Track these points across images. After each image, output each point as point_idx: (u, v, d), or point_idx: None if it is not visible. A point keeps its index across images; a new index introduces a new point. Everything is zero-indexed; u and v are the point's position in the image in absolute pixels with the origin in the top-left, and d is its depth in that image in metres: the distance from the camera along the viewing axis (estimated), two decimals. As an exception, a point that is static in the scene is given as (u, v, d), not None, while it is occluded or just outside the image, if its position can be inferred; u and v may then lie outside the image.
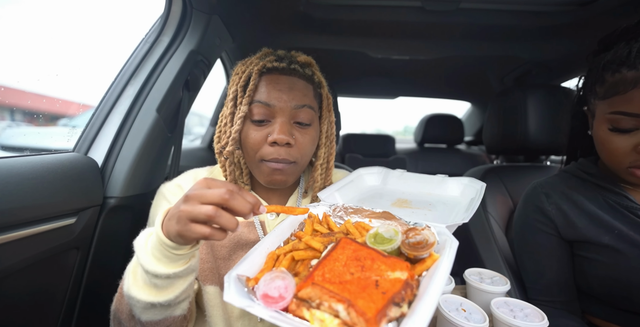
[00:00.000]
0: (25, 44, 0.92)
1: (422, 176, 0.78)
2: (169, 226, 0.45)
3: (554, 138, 1.18)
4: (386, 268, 0.42)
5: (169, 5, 0.91)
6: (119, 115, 0.85)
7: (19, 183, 0.57)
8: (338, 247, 0.46)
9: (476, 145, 2.61)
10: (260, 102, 0.63)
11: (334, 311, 0.36)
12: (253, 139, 0.64)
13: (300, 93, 0.65)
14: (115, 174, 0.80)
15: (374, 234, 0.50)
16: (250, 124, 0.65)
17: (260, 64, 0.65)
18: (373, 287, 0.39)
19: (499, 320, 0.63)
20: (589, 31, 1.16)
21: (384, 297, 0.37)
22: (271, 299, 0.38)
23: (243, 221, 0.69)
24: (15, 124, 1.00)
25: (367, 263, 0.43)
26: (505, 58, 1.51)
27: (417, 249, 0.46)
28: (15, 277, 0.59)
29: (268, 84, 0.64)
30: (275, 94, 0.63)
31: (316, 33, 1.29)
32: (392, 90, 2.34)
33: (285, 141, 0.62)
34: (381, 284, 0.39)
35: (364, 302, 0.36)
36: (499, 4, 1.05)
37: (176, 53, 0.93)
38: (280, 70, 0.66)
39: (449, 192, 0.74)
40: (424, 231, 0.49)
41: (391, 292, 0.38)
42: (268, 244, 0.50)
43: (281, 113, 0.64)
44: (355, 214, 0.61)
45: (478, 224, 1.14)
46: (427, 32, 1.26)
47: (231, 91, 0.66)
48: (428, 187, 0.76)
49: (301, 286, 0.39)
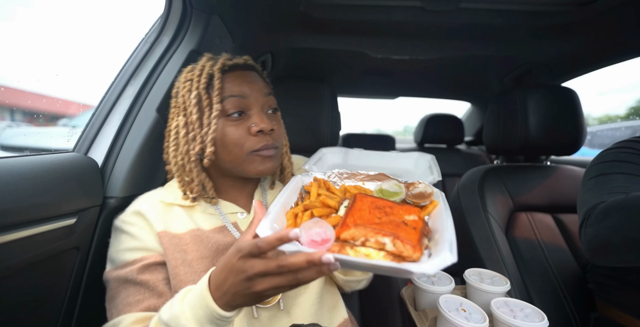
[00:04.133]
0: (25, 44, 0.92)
1: (378, 152, 0.86)
2: (237, 304, 0.46)
3: (554, 138, 1.19)
4: (404, 213, 0.50)
5: (169, 5, 0.91)
6: (119, 115, 0.85)
7: (19, 183, 0.57)
8: (357, 201, 0.51)
9: (476, 145, 2.61)
10: (234, 96, 0.64)
11: (380, 244, 0.42)
12: (234, 134, 0.64)
13: (262, 83, 0.69)
14: (115, 174, 0.80)
15: (379, 190, 0.59)
16: (226, 121, 0.64)
17: (218, 63, 0.66)
18: (404, 226, 0.46)
19: (499, 320, 0.63)
20: (589, 31, 1.15)
21: (416, 231, 0.45)
22: (317, 243, 0.41)
23: (214, 227, 0.68)
24: (15, 124, 1.00)
25: (388, 210, 0.50)
26: (505, 58, 1.51)
27: (421, 198, 0.56)
28: (15, 277, 0.59)
29: (235, 79, 0.66)
30: (246, 86, 0.66)
31: (316, 33, 1.29)
32: (392, 90, 2.34)
33: (271, 128, 0.65)
34: (408, 223, 0.47)
35: (405, 234, 0.43)
36: (499, 4, 1.05)
37: (176, 53, 0.93)
38: (241, 66, 0.69)
39: (404, 165, 0.84)
40: (420, 184, 0.60)
41: (419, 227, 0.46)
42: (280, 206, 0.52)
43: (256, 103, 0.66)
44: (350, 178, 0.68)
45: (478, 224, 1.14)
46: (427, 32, 1.26)
47: (191, 97, 0.65)
48: (387, 162, 0.84)
49: (340, 231, 0.44)
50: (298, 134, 1.21)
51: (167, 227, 0.66)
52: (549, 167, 1.29)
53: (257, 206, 0.49)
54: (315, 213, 0.51)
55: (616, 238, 0.67)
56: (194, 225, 0.67)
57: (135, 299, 0.60)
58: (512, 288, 1.01)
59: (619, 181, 0.76)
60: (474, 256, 1.13)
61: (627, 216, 0.65)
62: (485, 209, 1.14)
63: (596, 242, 0.71)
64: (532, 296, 1.02)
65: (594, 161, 0.87)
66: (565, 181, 1.23)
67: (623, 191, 0.73)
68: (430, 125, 2.25)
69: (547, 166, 1.31)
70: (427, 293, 0.76)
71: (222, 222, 0.70)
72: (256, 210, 0.49)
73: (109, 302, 0.63)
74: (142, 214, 0.66)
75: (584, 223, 0.75)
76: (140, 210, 0.67)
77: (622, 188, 0.74)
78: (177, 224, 0.67)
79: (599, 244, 0.70)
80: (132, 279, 0.61)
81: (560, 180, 1.23)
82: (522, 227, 1.15)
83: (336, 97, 1.28)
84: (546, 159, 1.45)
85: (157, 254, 0.64)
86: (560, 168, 1.28)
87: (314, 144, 1.15)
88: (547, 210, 1.19)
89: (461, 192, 1.25)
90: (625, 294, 0.80)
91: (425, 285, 0.76)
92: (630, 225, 0.64)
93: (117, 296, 0.62)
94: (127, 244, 0.64)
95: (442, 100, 2.52)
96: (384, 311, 1.26)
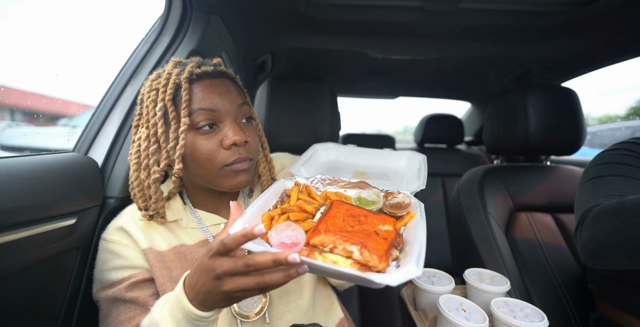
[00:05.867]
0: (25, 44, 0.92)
1: (371, 150, 0.86)
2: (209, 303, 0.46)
3: (554, 138, 1.19)
4: (378, 222, 0.50)
5: (169, 5, 0.91)
6: (119, 115, 0.85)
7: (19, 183, 0.57)
8: (333, 208, 0.52)
9: (476, 145, 2.61)
10: (204, 109, 0.60)
11: (347, 252, 0.42)
12: (206, 149, 0.60)
13: (235, 93, 0.65)
14: (115, 174, 0.80)
15: (358, 198, 0.59)
16: (196, 135, 0.60)
17: (185, 71, 0.61)
18: (374, 235, 0.46)
19: (499, 320, 0.63)
20: (589, 31, 1.16)
21: (385, 241, 0.45)
22: (286, 246, 0.42)
23: (197, 240, 0.67)
24: (15, 124, 1.00)
25: (362, 218, 0.50)
26: (505, 58, 1.51)
27: (397, 209, 0.56)
28: (15, 277, 0.59)
29: (204, 90, 0.61)
30: (217, 97, 0.61)
31: (316, 33, 1.29)
32: (392, 90, 2.34)
33: (244, 140, 0.61)
34: (380, 232, 0.47)
35: (374, 244, 0.43)
36: (499, 4, 1.05)
37: (176, 53, 0.93)
38: (211, 74, 0.64)
39: (396, 164, 0.83)
40: (400, 194, 0.59)
41: (390, 238, 0.46)
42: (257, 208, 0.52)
43: (227, 115, 0.62)
44: (332, 185, 0.68)
45: (478, 224, 1.14)
46: (427, 32, 1.26)
47: (156, 109, 0.60)
48: (378, 160, 0.85)
49: (310, 236, 0.45)
50: (298, 134, 1.21)
51: (151, 244, 0.64)
52: (549, 167, 1.29)
53: (234, 207, 0.49)
54: (291, 217, 0.52)
55: (610, 242, 0.67)
56: (177, 241, 0.66)
57: (127, 317, 0.60)
58: (512, 288, 1.01)
59: (615, 184, 0.76)
60: (474, 256, 1.13)
61: (620, 220, 0.65)
62: (485, 209, 1.14)
63: (591, 245, 0.71)
64: (532, 296, 1.02)
65: (592, 163, 0.87)
66: (565, 180, 1.23)
67: (619, 194, 0.73)
68: (430, 125, 2.25)
69: (547, 166, 1.31)
70: (427, 293, 0.76)
71: (205, 235, 0.68)
72: (232, 211, 0.49)
73: (102, 322, 0.63)
74: (125, 230, 0.64)
75: (580, 226, 0.76)
76: (123, 226, 0.64)
77: (618, 191, 0.75)
78: (160, 241, 0.65)
79: (594, 248, 0.71)
80: (121, 297, 0.61)
81: (560, 180, 1.23)
82: (522, 227, 1.15)
83: (336, 97, 1.28)
84: (546, 159, 1.45)
85: (144, 270, 0.63)
86: (560, 168, 1.28)
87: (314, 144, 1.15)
88: (547, 210, 1.19)
89: (461, 192, 1.25)
90: (625, 294, 0.80)
91: (425, 285, 0.76)
92: (623, 229, 0.64)
93: (109, 315, 0.62)
94: (113, 263, 0.63)
95: (442, 100, 2.52)
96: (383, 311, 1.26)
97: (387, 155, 0.86)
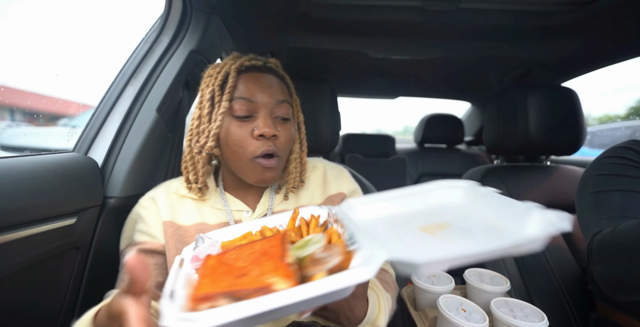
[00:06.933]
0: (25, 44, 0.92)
1: (508, 200, 0.47)
2: None
3: (554, 138, 1.18)
4: (270, 270, 0.36)
5: (169, 5, 0.91)
6: (119, 115, 0.85)
7: (19, 183, 0.57)
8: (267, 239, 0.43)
9: (476, 145, 2.61)
10: (242, 99, 0.65)
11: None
12: (237, 135, 0.64)
13: (278, 89, 0.68)
14: (115, 174, 0.80)
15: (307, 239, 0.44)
16: (233, 120, 0.65)
17: (237, 63, 0.67)
18: (235, 277, 0.36)
19: (499, 320, 0.63)
20: (589, 31, 1.15)
21: (229, 286, 0.34)
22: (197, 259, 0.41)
23: (219, 222, 0.70)
24: (15, 124, 1.00)
25: (263, 259, 0.39)
26: (505, 58, 1.51)
27: (316, 265, 0.38)
28: (15, 277, 0.59)
29: (248, 82, 0.66)
30: (257, 90, 0.66)
31: (316, 33, 1.29)
32: (392, 90, 2.34)
33: (272, 134, 0.64)
34: (245, 278, 0.36)
35: (208, 282, 0.36)
36: (499, 4, 1.05)
37: (176, 53, 0.93)
38: (258, 68, 0.69)
39: (521, 228, 0.42)
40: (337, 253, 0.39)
41: (240, 286, 0.34)
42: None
43: (264, 108, 0.65)
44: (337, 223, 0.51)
45: (478, 224, 1.14)
46: (427, 32, 1.26)
47: (207, 92, 0.67)
48: (499, 215, 0.47)
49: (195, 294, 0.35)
50: (298, 134, 1.21)
51: (174, 218, 0.68)
52: (549, 167, 1.29)
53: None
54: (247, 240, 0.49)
55: (628, 279, 0.65)
56: (200, 219, 0.69)
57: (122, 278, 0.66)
58: (512, 288, 1.01)
59: (616, 201, 0.76)
60: (474, 256, 1.13)
61: (626, 257, 0.64)
62: (485, 209, 1.14)
63: (611, 282, 0.69)
64: (532, 296, 1.02)
65: (591, 171, 0.86)
66: (565, 181, 1.23)
67: (620, 214, 0.72)
68: (430, 125, 2.25)
69: (547, 165, 1.31)
70: (427, 293, 0.76)
71: (227, 218, 0.70)
72: None
73: None
74: (155, 200, 0.70)
75: (590, 256, 0.74)
76: (154, 196, 0.70)
77: (619, 210, 0.74)
78: (185, 216, 0.69)
79: (616, 284, 0.69)
80: None
81: (560, 180, 1.23)
82: (522, 227, 1.15)
83: (336, 97, 1.28)
84: (546, 159, 1.45)
85: (157, 242, 0.67)
86: (560, 168, 1.28)
87: (314, 144, 1.15)
88: (547, 210, 1.19)
89: (461, 192, 1.24)
90: None
91: (425, 285, 0.76)
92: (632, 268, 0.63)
93: None
94: (138, 225, 0.69)
95: (442, 100, 2.52)
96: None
97: (521, 212, 0.43)
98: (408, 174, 2.19)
